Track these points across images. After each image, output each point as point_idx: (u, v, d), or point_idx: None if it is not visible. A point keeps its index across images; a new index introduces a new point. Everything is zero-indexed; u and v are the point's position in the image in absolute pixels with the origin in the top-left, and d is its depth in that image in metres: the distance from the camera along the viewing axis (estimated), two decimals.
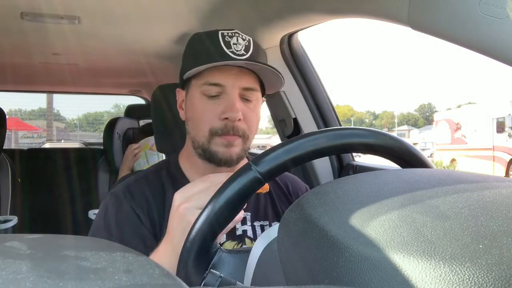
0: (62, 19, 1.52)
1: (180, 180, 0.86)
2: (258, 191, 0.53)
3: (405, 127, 51.71)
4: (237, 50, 0.81)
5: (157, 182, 0.86)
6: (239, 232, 0.84)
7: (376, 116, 74.29)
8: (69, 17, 1.52)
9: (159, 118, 1.12)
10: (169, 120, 1.09)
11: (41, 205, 2.56)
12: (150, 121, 2.05)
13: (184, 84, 0.87)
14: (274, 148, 0.50)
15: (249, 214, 0.87)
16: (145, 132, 2.14)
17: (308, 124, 1.51)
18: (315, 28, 1.29)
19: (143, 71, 2.43)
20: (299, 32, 1.41)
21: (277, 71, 0.82)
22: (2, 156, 2.31)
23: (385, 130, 0.70)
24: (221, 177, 0.65)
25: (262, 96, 0.90)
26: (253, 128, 0.84)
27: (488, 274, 0.22)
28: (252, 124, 0.84)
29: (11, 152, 2.61)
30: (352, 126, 0.56)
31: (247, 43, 0.82)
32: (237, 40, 0.82)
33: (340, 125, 1.68)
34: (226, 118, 0.79)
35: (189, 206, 0.63)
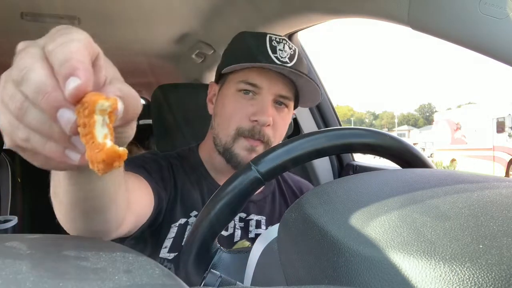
0: (62, 19, 1.52)
1: (199, 169, 0.86)
2: None
3: (405, 127, 51.69)
4: (282, 57, 0.78)
5: (180, 165, 0.86)
6: (251, 235, 0.84)
7: (376, 116, 74.26)
8: (69, 17, 1.52)
9: (159, 118, 1.12)
10: (169, 120, 1.09)
11: (41, 205, 2.54)
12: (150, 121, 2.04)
13: (220, 78, 0.86)
14: (274, 148, 0.50)
15: (264, 218, 0.86)
16: (141, 131, 2.11)
17: (308, 124, 1.51)
18: (315, 28, 1.29)
19: (143, 71, 2.43)
20: (299, 32, 1.41)
21: (318, 85, 0.80)
22: (2, 156, 2.31)
23: (385, 130, 0.70)
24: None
25: (294, 108, 0.88)
26: (277, 137, 0.82)
27: (488, 274, 0.22)
28: (279, 133, 0.82)
29: (11, 152, 2.60)
30: (352, 126, 0.56)
31: (292, 52, 0.80)
32: (284, 47, 0.80)
33: (340, 125, 1.68)
34: (256, 121, 0.77)
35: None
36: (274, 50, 0.78)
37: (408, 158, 0.54)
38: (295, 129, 1.51)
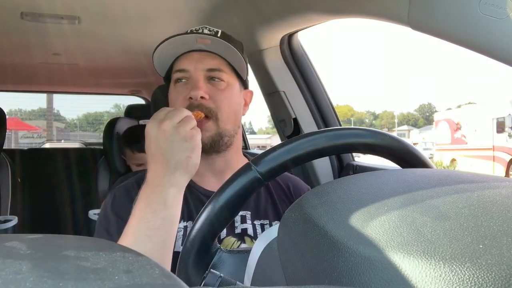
0: (62, 19, 1.53)
1: None
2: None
3: (405, 127, 51.67)
4: (198, 32, 0.84)
5: None
6: (238, 231, 0.84)
7: (376, 116, 74.25)
8: (69, 17, 1.52)
9: None
10: None
11: (41, 205, 2.55)
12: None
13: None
14: (274, 148, 0.50)
15: (249, 212, 0.87)
16: (133, 133, 2.08)
17: (308, 124, 1.51)
18: (315, 28, 1.29)
19: (143, 71, 2.43)
20: (299, 32, 1.41)
21: (231, 45, 0.83)
22: (2, 156, 2.31)
23: (385, 130, 0.70)
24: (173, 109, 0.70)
25: (245, 87, 0.92)
26: (224, 108, 0.83)
27: (488, 274, 0.22)
28: (222, 105, 0.83)
29: (11, 152, 2.60)
30: (352, 126, 0.56)
31: (213, 33, 0.84)
32: (202, 30, 0.84)
33: (340, 125, 1.68)
34: (190, 98, 0.81)
35: (169, 122, 0.66)
36: (191, 32, 0.84)
37: (408, 158, 0.54)
38: (295, 129, 1.52)
